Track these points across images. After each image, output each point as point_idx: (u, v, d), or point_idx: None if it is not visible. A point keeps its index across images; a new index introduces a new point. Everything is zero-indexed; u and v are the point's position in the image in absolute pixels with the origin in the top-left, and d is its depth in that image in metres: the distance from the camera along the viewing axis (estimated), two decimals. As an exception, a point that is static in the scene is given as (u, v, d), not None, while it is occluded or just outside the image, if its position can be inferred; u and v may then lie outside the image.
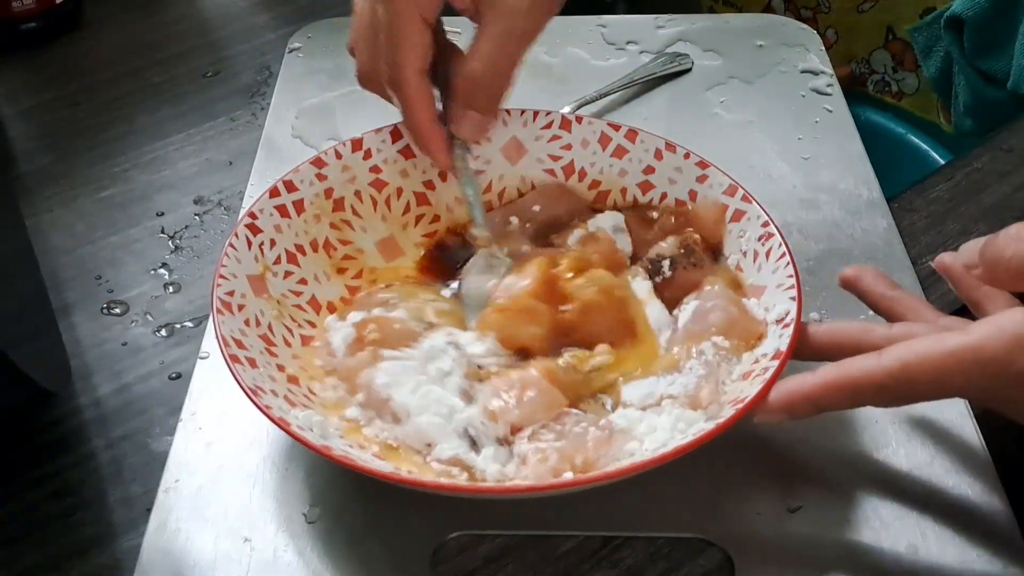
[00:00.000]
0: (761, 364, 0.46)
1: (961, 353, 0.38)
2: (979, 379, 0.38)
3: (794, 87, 0.72)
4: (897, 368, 0.39)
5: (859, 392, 0.40)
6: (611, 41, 0.77)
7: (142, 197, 0.67)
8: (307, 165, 0.55)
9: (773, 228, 0.51)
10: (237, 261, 0.50)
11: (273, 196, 0.53)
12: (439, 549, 0.46)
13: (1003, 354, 0.37)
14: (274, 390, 0.45)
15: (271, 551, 0.45)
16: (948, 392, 0.40)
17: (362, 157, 0.56)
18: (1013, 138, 0.69)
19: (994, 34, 0.78)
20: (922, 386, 0.39)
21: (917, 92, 1.28)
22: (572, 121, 0.57)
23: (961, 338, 0.38)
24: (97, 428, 0.53)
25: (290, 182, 0.54)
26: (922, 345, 0.39)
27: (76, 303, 0.60)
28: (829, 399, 0.41)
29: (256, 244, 0.51)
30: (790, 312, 0.47)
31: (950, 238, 0.61)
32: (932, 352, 0.39)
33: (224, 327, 0.46)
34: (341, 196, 0.55)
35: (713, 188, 0.54)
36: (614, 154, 0.57)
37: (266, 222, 0.52)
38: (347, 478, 0.48)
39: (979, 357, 0.38)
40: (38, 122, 0.74)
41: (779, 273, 0.49)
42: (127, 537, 0.48)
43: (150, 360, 0.56)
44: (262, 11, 0.85)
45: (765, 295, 0.50)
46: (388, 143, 0.57)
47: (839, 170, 0.65)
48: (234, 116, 0.74)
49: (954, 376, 0.38)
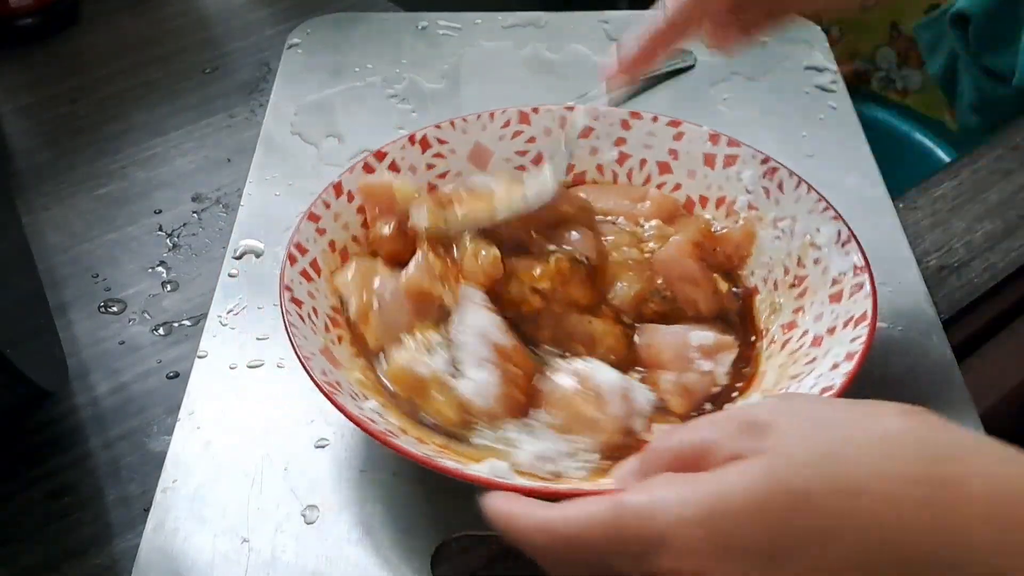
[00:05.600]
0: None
1: (598, 511, 0.34)
2: (618, 539, 0.34)
3: (798, 84, 0.72)
4: (532, 527, 0.36)
5: (515, 535, 0.36)
6: (614, 37, 0.77)
7: (140, 195, 0.67)
8: (306, 222, 0.51)
9: (775, 163, 0.53)
10: (305, 338, 0.47)
11: (293, 263, 0.50)
12: (440, 549, 0.45)
13: (645, 511, 0.33)
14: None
15: (270, 551, 0.45)
16: (582, 560, 0.35)
17: (347, 201, 0.53)
18: (1018, 135, 0.68)
19: (999, 31, 0.78)
20: (555, 549, 0.35)
21: (922, 89, 1.28)
22: (529, 113, 0.57)
23: (608, 498, 0.34)
24: (94, 427, 0.52)
25: (299, 244, 0.51)
26: (569, 504, 0.35)
27: (73, 301, 0.59)
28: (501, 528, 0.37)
29: (307, 318, 0.48)
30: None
31: (955, 236, 0.61)
32: (571, 509, 0.35)
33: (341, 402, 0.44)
34: (344, 246, 0.53)
35: (694, 143, 0.55)
36: (581, 135, 0.57)
37: (301, 292, 0.49)
38: (346, 478, 0.48)
39: (619, 515, 0.34)
40: (35, 119, 0.74)
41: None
42: (125, 537, 0.47)
43: (148, 359, 0.56)
44: (261, 7, 0.85)
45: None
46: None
47: (843, 167, 0.64)
48: (233, 113, 0.73)
49: (586, 535, 0.34)
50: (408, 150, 0.55)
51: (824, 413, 0.35)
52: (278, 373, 0.53)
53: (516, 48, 0.76)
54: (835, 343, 0.47)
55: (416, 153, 0.55)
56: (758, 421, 0.35)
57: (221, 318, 0.55)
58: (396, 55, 0.75)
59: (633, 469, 0.38)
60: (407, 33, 0.78)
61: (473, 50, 0.76)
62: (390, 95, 0.72)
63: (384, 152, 0.54)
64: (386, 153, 0.54)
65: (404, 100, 0.71)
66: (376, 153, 0.54)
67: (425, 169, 0.55)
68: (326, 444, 0.49)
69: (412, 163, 0.55)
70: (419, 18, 0.79)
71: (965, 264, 0.60)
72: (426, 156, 0.55)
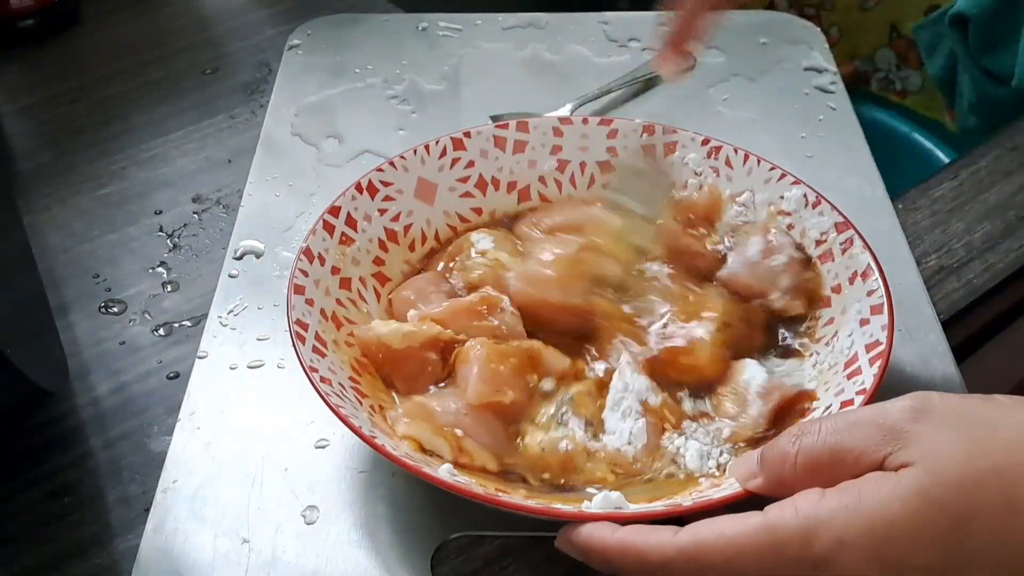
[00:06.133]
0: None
1: (755, 533, 0.34)
2: (774, 562, 0.34)
3: (797, 85, 0.72)
4: (689, 544, 0.35)
5: (646, 563, 0.36)
6: (613, 38, 0.77)
7: (140, 195, 0.67)
8: (295, 296, 0.49)
9: (716, 141, 0.54)
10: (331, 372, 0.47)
11: (303, 341, 0.47)
12: (439, 550, 0.45)
13: (798, 535, 0.33)
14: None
15: (270, 552, 0.45)
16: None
17: (319, 264, 0.51)
18: (1018, 136, 0.68)
19: (999, 32, 0.78)
20: (711, 568, 0.35)
21: (921, 90, 1.28)
22: (461, 138, 0.57)
23: (757, 517, 0.35)
24: (95, 428, 0.52)
25: (300, 321, 0.48)
26: (721, 523, 0.35)
27: (74, 302, 0.59)
28: (619, 561, 0.37)
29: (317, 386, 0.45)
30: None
31: (954, 237, 0.61)
32: (726, 531, 0.35)
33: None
34: (322, 307, 0.50)
35: (628, 137, 0.56)
36: (515, 151, 0.58)
37: (324, 368, 0.47)
38: (346, 478, 0.48)
39: (773, 538, 0.34)
40: (36, 120, 0.74)
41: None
42: (125, 537, 0.47)
43: (148, 359, 0.56)
44: (261, 8, 0.85)
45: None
46: (330, 240, 0.52)
47: (843, 168, 0.64)
48: (233, 113, 0.74)
49: (745, 557, 0.34)
50: (359, 199, 0.54)
51: (966, 413, 0.35)
52: (278, 373, 0.53)
53: (516, 49, 0.76)
54: (850, 299, 0.48)
55: (367, 201, 0.54)
56: (900, 428, 0.34)
57: (221, 318, 0.56)
58: (396, 56, 0.75)
59: (754, 470, 0.38)
60: (407, 34, 0.78)
61: (473, 51, 0.76)
62: (390, 96, 0.72)
63: (337, 207, 0.53)
64: (339, 207, 0.53)
65: (404, 101, 0.71)
66: (330, 210, 0.53)
67: (379, 215, 0.55)
68: (326, 445, 0.49)
69: (366, 212, 0.54)
70: (419, 19, 0.79)
71: (964, 265, 0.60)
72: (376, 202, 0.55)
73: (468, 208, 0.58)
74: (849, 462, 0.35)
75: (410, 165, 0.56)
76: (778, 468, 0.37)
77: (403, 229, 0.56)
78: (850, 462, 0.35)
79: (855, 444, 0.35)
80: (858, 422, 0.36)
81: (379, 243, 0.55)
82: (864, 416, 0.36)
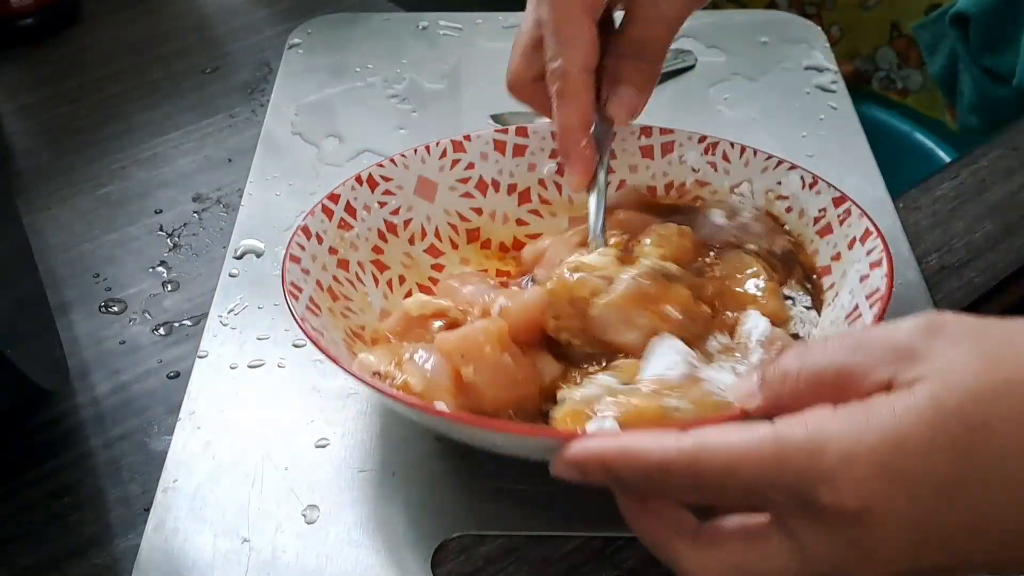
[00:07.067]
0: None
1: (760, 443, 0.32)
2: (777, 474, 0.32)
3: (798, 84, 0.72)
4: (691, 447, 0.33)
5: (646, 465, 0.34)
6: (613, 38, 0.77)
7: (140, 195, 0.67)
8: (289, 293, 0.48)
9: (712, 138, 0.56)
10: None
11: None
12: (439, 550, 0.45)
13: (806, 448, 0.32)
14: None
15: (270, 551, 0.45)
16: (737, 488, 0.33)
17: (316, 242, 0.51)
18: (1019, 136, 0.68)
19: (1000, 31, 0.78)
20: (709, 473, 0.33)
21: (922, 89, 1.28)
22: (462, 141, 0.57)
23: (766, 428, 0.33)
24: (95, 427, 0.52)
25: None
26: (728, 430, 0.33)
27: (74, 301, 0.59)
28: (618, 465, 0.35)
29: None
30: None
31: (955, 236, 0.61)
32: (732, 438, 0.33)
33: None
34: (318, 279, 0.51)
35: (627, 140, 0.57)
36: (515, 155, 0.58)
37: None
38: (346, 478, 0.48)
39: (779, 448, 0.32)
40: (35, 119, 0.74)
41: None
42: (125, 537, 0.47)
43: (148, 359, 0.56)
44: (261, 7, 0.85)
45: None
46: (328, 223, 0.53)
47: (843, 168, 0.64)
48: (233, 113, 0.73)
49: (748, 465, 0.32)
50: (359, 190, 0.54)
51: (979, 328, 0.33)
52: (279, 373, 0.53)
53: (516, 48, 0.76)
54: (850, 261, 0.49)
55: (366, 192, 0.55)
56: (910, 345, 0.33)
57: (222, 318, 0.56)
58: (397, 55, 0.75)
59: (753, 390, 0.37)
60: (408, 33, 0.78)
61: (474, 50, 0.76)
62: (391, 95, 0.72)
63: (337, 194, 0.53)
64: (339, 195, 0.54)
65: (404, 100, 0.71)
66: (330, 196, 0.53)
67: (378, 207, 0.55)
68: (326, 444, 0.49)
69: (365, 203, 0.54)
70: (420, 18, 0.79)
71: (965, 264, 0.60)
72: (376, 195, 0.55)
73: (468, 208, 0.58)
74: (856, 381, 0.33)
75: (410, 163, 0.57)
76: (778, 386, 0.36)
77: (403, 223, 0.56)
78: (857, 381, 0.33)
79: (863, 361, 0.33)
80: (867, 340, 0.34)
81: (378, 233, 0.55)
82: (873, 334, 0.35)
